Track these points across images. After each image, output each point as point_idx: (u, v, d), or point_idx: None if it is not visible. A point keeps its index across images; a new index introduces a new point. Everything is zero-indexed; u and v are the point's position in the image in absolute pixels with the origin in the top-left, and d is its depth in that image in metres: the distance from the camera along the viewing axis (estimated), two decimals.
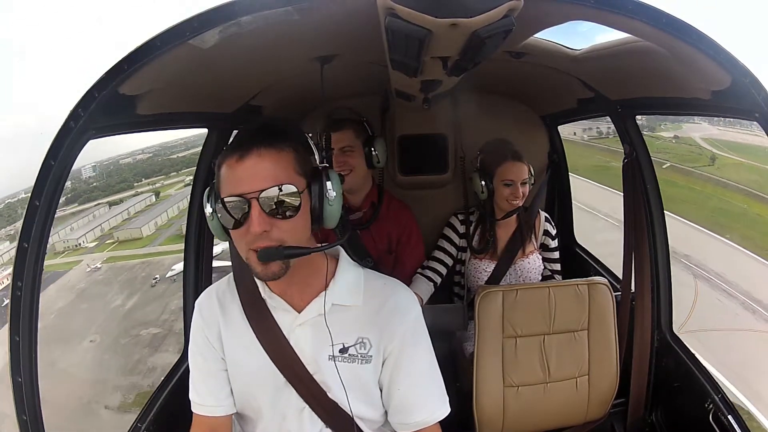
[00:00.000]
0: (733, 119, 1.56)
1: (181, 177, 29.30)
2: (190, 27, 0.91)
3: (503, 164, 1.85)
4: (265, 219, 0.85)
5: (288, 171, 0.88)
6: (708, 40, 0.95)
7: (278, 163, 0.87)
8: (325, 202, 0.91)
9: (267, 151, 0.87)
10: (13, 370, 0.96)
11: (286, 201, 0.86)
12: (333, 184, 0.91)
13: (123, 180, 29.69)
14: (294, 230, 0.89)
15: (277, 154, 0.87)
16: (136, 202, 27.58)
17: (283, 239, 0.87)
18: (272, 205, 0.86)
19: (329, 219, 0.93)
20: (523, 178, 1.85)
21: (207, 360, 1.05)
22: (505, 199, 1.87)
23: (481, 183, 1.90)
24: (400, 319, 1.02)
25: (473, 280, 1.97)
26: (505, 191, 1.86)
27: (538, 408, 1.64)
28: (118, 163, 31.55)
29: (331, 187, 0.91)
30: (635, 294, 1.77)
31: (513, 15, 0.78)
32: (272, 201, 0.85)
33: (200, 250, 1.82)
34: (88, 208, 27.43)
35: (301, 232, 0.91)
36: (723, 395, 1.52)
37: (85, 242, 24.64)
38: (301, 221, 0.90)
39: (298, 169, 0.89)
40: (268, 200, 0.85)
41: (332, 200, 0.91)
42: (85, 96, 0.95)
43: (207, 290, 1.10)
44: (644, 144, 1.74)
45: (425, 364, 1.04)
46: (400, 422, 1.04)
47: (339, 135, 1.77)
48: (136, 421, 1.46)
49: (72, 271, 22.04)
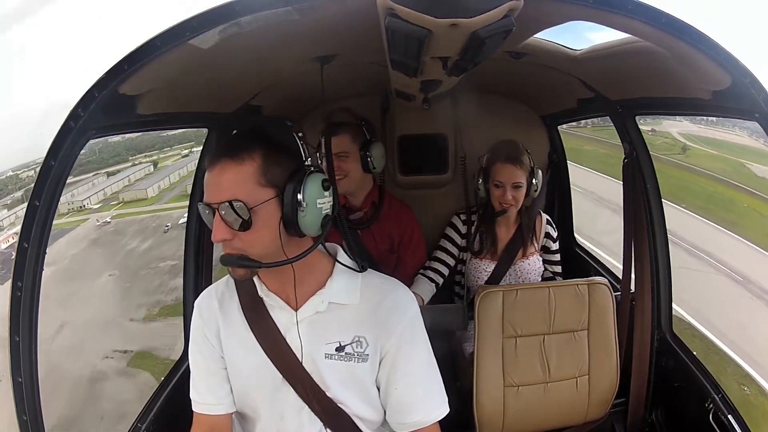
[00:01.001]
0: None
1: (176, 151, 29.16)
2: (190, 27, 0.91)
3: (495, 165, 1.84)
4: (225, 229, 0.88)
5: (247, 184, 0.88)
6: (708, 40, 0.95)
7: (238, 176, 0.88)
8: (297, 211, 0.90)
9: (228, 163, 0.88)
10: (13, 370, 0.97)
11: (239, 216, 0.87)
12: (307, 193, 0.90)
13: (117, 154, 29.50)
14: (254, 242, 0.90)
15: (238, 167, 0.88)
16: (135, 171, 27.47)
17: (243, 249, 0.90)
18: (229, 218, 0.88)
19: (304, 228, 0.91)
20: (514, 182, 1.81)
21: (207, 359, 1.05)
22: (496, 199, 1.86)
23: (479, 181, 1.90)
24: (397, 318, 1.02)
25: (473, 280, 1.97)
26: (495, 192, 1.85)
27: (538, 408, 1.64)
28: (107, 141, 31.62)
29: (301, 198, 0.89)
30: (635, 294, 1.77)
31: (513, 15, 0.78)
32: (228, 214, 0.87)
33: (200, 250, 1.82)
34: (86, 177, 27.21)
35: (265, 244, 0.91)
36: (723, 395, 1.52)
37: (89, 204, 24.41)
38: (263, 233, 0.90)
39: (263, 180, 0.89)
40: (226, 213, 0.87)
41: (304, 208, 0.90)
42: (85, 96, 0.95)
43: (206, 290, 1.11)
44: (644, 144, 1.74)
45: (423, 363, 1.04)
46: (398, 422, 1.04)
47: (335, 140, 1.74)
48: (136, 421, 1.46)
49: (80, 227, 21.98)
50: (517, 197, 1.83)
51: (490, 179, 1.86)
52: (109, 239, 20.60)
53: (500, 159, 1.84)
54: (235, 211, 0.87)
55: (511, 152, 1.84)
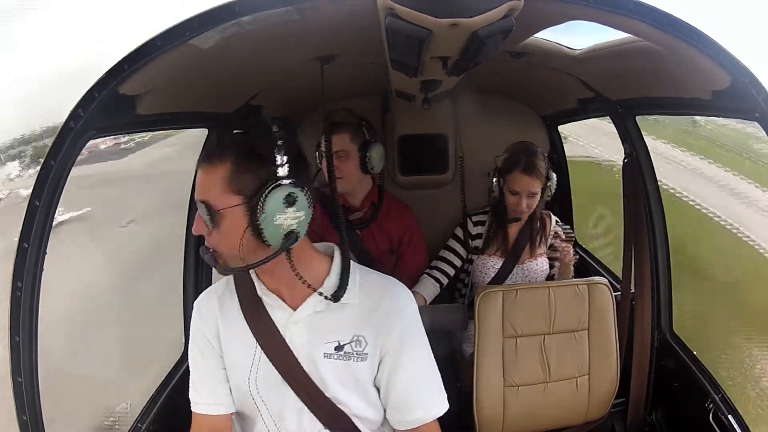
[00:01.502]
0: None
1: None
2: (190, 27, 0.91)
3: (513, 173, 1.81)
4: (202, 225, 0.93)
5: (215, 188, 0.91)
6: (708, 40, 0.95)
7: (210, 178, 0.92)
8: (259, 221, 0.89)
9: (204, 166, 0.93)
10: (13, 370, 0.97)
11: (205, 216, 0.92)
12: (267, 205, 0.88)
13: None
14: (221, 242, 0.94)
15: (213, 171, 0.91)
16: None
17: (214, 246, 0.95)
18: (202, 215, 0.92)
19: (265, 238, 0.90)
20: (530, 191, 1.80)
21: (206, 359, 1.05)
22: (510, 206, 1.86)
23: (493, 180, 1.88)
24: (396, 317, 1.02)
25: (480, 276, 1.96)
26: (511, 199, 1.85)
27: (538, 408, 1.64)
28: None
29: (259, 210, 0.88)
30: (635, 294, 1.77)
31: (513, 15, 0.78)
32: (202, 211, 0.92)
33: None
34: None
35: (230, 245, 0.92)
36: (723, 395, 1.52)
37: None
38: (230, 235, 0.91)
39: (230, 187, 0.90)
40: (200, 210, 0.93)
41: (262, 221, 0.88)
42: (85, 96, 0.95)
43: (206, 291, 1.11)
44: (644, 144, 1.74)
45: (423, 361, 1.05)
46: (399, 420, 1.04)
47: (335, 138, 1.74)
48: (136, 421, 1.46)
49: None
50: (531, 205, 1.82)
51: (505, 184, 1.85)
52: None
53: (518, 168, 1.79)
54: (204, 211, 0.92)
55: (530, 161, 1.79)
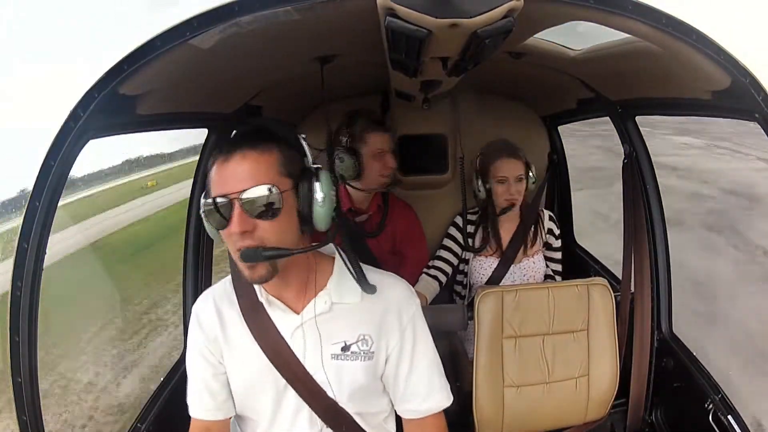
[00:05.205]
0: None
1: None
2: (190, 27, 0.91)
3: (497, 161, 1.85)
4: (246, 219, 0.86)
5: (270, 172, 0.88)
6: (708, 40, 0.96)
7: (260, 164, 0.88)
8: (313, 204, 0.90)
9: (250, 152, 0.88)
10: (13, 370, 0.96)
11: (267, 201, 0.86)
12: (322, 186, 0.91)
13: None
14: (276, 231, 0.88)
15: (260, 156, 0.88)
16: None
17: (264, 239, 0.87)
18: (253, 206, 0.86)
19: (317, 221, 0.92)
20: (516, 175, 1.84)
21: (205, 365, 1.04)
22: (501, 196, 1.87)
23: (478, 183, 1.91)
24: (400, 314, 1.02)
25: (476, 277, 1.96)
26: (499, 188, 1.86)
27: (538, 408, 1.64)
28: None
29: (318, 189, 0.90)
30: (635, 294, 1.77)
31: (513, 15, 0.79)
32: (253, 201, 0.86)
33: (200, 251, 1.81)
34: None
35: (285, 234, 0.90)
36: (723, 395, 1.52)
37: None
38: (285, 222, 0.89)
39: (283, 170, 0.89)
40: (249, 201, 0.86)
41: (320, 202, 0.90)
42: (84, 96, 0.95)
43: (203, 295, 1.09)
44: (644, 145, 1.74)
45: (428, 354, 1.06)
46: (410, 409, 1.06)
47: (377, 137, 1.80)
48: (136, 421, 1.45)
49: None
50: (520, 191, 1.86)
51: (490, 177, 1.87)
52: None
53: (501, 154, 1.85)
54: (264, 197, 0.86)
55: (509, 146, 1.88)
